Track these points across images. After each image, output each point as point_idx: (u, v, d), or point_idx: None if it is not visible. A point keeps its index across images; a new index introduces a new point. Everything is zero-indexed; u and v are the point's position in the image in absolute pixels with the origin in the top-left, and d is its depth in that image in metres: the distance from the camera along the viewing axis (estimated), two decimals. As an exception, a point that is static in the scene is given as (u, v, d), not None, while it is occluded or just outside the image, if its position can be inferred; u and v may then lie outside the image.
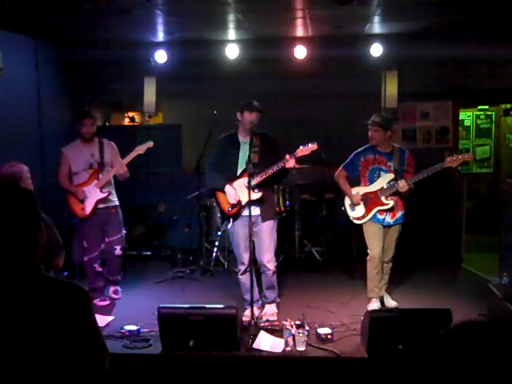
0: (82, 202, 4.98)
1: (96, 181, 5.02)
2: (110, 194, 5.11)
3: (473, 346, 0.84)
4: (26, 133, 5.81)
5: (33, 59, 6.06)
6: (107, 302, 5.10)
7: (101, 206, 5.04)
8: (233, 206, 4.47)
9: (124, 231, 5.35)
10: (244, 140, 4.45)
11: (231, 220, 4.58)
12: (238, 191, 4.43)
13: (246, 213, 4.34)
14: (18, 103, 5.69)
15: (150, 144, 5.12)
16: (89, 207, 4.99)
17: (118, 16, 5.23)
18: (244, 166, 4.38)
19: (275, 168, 4.31)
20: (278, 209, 5.78)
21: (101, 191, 5.01)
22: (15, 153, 4.65)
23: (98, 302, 5.02)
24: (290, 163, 4.28)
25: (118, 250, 5.21)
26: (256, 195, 4.33)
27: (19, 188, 1.62)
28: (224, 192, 4.48)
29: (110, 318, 4.66)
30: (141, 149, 5.09)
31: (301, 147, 4.33)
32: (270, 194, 4.59)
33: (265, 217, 4.47)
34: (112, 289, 5.32)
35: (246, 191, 4.27)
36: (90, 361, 1.47)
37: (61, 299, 1.47)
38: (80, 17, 5.39)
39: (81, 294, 1.53)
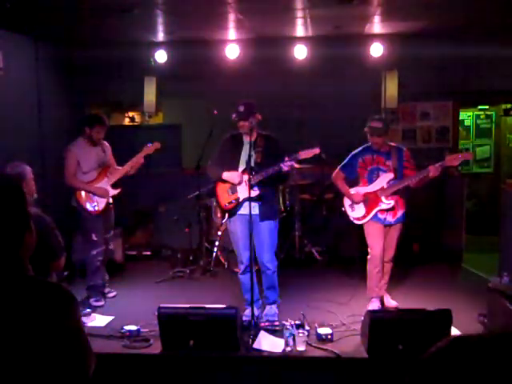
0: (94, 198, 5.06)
1: (106, 178, 5.12)
2: (120, 190, 5.21)
3: (466, 363, 0.84)
4: (26, 133, 5.81)
5: (33, 59, 6.06)
6: (102, 303, 5.10)
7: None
8: (230, 201, 4.48)
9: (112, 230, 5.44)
10: (248, 140, 4.44)
11: (227, 215, 4.61)
12: (237, 187, 4.45)
13: (245, 211, 4.34)
14: (18, 103, 5.69)
15: (158, 145, 5.19)
16: (102, 203, 5.08)
17: (118, 16, 5.23)
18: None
19: (273, 169, 4.31)
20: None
21: (112, 188, 5.12)
22: (15, 153, 4.65)
23: (93, 303, 5.03)
24: (288, 165, 4.27)
25: (111, 245, 5.42)
26: (253, 193, 4.33)
27: (6, 186, 1.59)
28: (224, 182, 4.49)
29: (110, 318, 4.66)
30: (148, 149, 5.16)
31: (303, 150, 4.33)
32: (271, 194, 4.59)
33: (264, 216, 4.46)
34: (106, 290, 5.34)
35: (245, 188, 4.28)
36: (72, 364, 1.46)
37: (44, 301, 1.45)
38: (80, 17, 5.39)
39: (65, 296, 1.50)
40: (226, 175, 4.47)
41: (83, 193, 5.04)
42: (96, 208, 5.05)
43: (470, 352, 0.85)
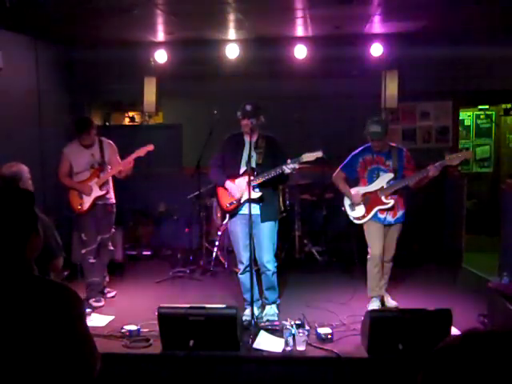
0: (81, 197, 5.10)
1: (97, 179, 5.15)
2: (108, 192, 5.21)
3: (479, 356, 0.85)
4: (26, 133, 5.81)
5: (33, 59, 6.06)
6: (102, 303, 5.09)
7: (99, 202, 5.16)
8: (231, 202, 4.48)
9: (113, 230, 5.42)
10: (249, 140, 4.43)
11: (228, 216, 4.61)
12: (239, 186, 4.45)
13: (246, 211, 4.34)
14: (18, 103, 5.69)
15: (151, 147, 5.19)
16: (87, 203, 5.11)
17: (118, 16, 5.23)
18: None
19: (275, 171, 4.30)
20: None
21: (100, 189, 5.14)
22: (15, 152, 4.65)
23: (93, 303, 5.02)
24: (290, 168, 4.27)
25: (110, 246, 5.37)
26: (256, 194, 4.35)
27: (17, 188, 1.62)
28: (225, 188, 4.50)
29: (110, 317, 4.66)
30: (140, 151, 5.18)
31: (306, 153, 4.33)
32: (271, 194, 4.59)
33: (265, 217, 4.47)
34: (106, 290, 5.35)
35: (246, 189, 4.28)
36: (78, 364, 1.46)
37: (51, 301, 1.45)
38: (80, 17, 5.39)
39: (72, 296, 1.51)
40: (228, 185, 4.48)
41: (72, 192, 5.13)
42: (80, 207, 5.10)
43: (482, 346, 0.86)
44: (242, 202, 4.44)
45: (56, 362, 1.40)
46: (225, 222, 4.67)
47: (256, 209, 4.40)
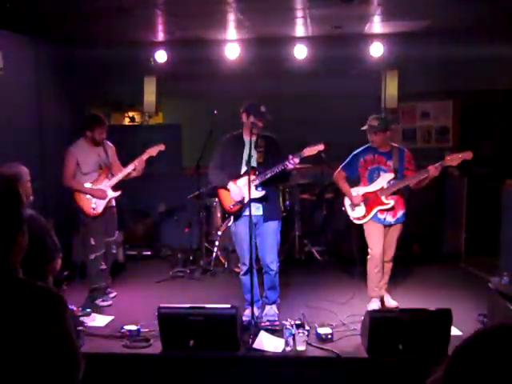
0: (92, 199, 4.94)
1: (107, 180, 5.02)
2: (120, 193, 5.12)
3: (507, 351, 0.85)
4: (26, 133, 5.81)
5: (33, 59, 6.06)
6: (110, 302, 5.07)
7: (108, 205, 5.04)
8: (235, 203, 4.46)
9: (117, 232, 5.35)
10: (249, 140, 4.38)
11: (232, 218, 4.59)
12: (241, 189, 4.43)
13: (248, 212, 4.32)
14: (18, 103, 5.69)
15: (162, 147, 5.10)
16: (101, 206, 4.96)
17: (118, 16, 5.23)
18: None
19: (278, 168, 4.30)
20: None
21: (112, 190, 5.03)
22: (15, 153, 4.65)
23: (100, 303, 5.01)
24: (293, 163, 4.27)
25: (114, 249, 5.32)
26: (259, 193, 4.34)
27: (2, 188, 1.58)
28: (227, 189, 4.49)
29: (110, 318, 4.66)
30: (152, 151, 5.07)
31: (307, 147, 4.32)
32: (274, 194, 4.58)
33: (268, 217, 4.46)
34: (107, 290, 5.32)
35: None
36: (59, 368, 1.43)
37: (31, 303, 1.43)
38: (80, 17, 5.39)
39: (53, 299, 1.48)
40: (230, 187, 4.45)
41: (81, 195, 4.93)
42: (94, 211, 4.92)
43: (495, 342, 0.86)
44: (245, 202, 4.39)
45: (34, 365, 1.38)
46: (229, 224, 4.64)
47: (259, 209, 4.40)
